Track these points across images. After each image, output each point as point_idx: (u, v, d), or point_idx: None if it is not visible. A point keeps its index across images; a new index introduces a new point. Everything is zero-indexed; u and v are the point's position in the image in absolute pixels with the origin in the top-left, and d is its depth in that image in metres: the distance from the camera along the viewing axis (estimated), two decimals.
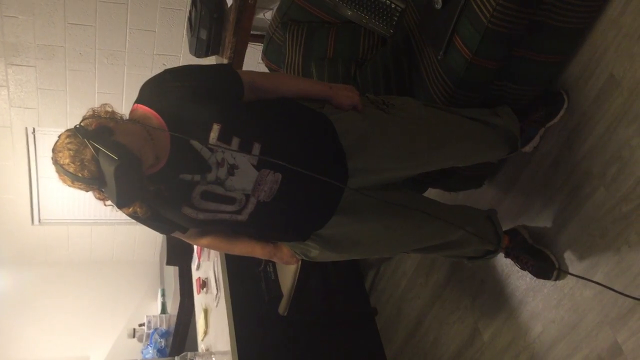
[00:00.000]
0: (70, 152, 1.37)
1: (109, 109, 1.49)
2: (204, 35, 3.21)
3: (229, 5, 3.07)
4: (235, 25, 2.97)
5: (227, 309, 2.90)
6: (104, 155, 1.35)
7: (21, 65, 3.60)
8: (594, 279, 1.99)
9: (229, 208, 1.61)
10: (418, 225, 1.88)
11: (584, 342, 2.05)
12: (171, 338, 4.42)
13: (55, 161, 1.41)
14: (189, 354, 3.09)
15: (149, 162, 1.47)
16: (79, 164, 1.37)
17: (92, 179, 1.39)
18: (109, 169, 1.35)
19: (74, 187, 1.43)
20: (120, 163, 1.34)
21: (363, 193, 1.66)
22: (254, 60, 3.58)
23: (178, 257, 4.12)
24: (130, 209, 1.54)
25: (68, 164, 1.38)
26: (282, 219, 1.70)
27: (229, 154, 1.53)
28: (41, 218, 4.63)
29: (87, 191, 1.46)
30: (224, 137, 1.51)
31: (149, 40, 3.67)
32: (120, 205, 1.44)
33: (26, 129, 4.00)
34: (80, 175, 1.38)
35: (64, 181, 1.43)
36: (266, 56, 2.86)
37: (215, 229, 1.76)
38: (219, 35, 3.22)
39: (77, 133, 1.39)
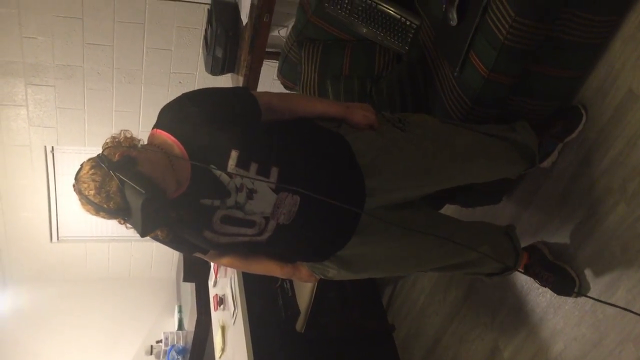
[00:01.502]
0: (96, 183, 1.38)
1: (129, 135, 1.50)
2: (219, 53, 3.24)
3: (244, 23, 3.10)
4: (251, 43, 2.99)
5: (244, 326, 2.90)
6: (130, 188, 1.36)
7: (40, 85, 3.66)
8: (616, 296, 1.97)
9: (249, 231, 1.61)
10: (435, 246, 1.87)
11: None
12: (188, 355, 4.41)
13: (79, 191, 1.42)
14: None
15: (172, 190, 1.49)
16: (104, 195, 1.38)
17: (118, 210, 1.40)
18: (135, 202, 1.36)
19: (98, 216, 1.44)
20: (147, 197, 1.35)
21: (379, 219, 1.64)
22: (269, 77, 3.61)
23: (195, 273, 4.13)
24: (153, 234, 1.55)
25: (94, 195, 1.39)
26: (302, 241, 1.70)
27: (247, 179, 1.53)
28: (60, 235, 4.68)
29: (109, 219, 1.46)
30: (242, 164, 1.51)
31: (165, 59, 3.71)
32: (144, 234, 1.45)
33: (45, 147, 4.05)
34: (105, 206, 1.39)
35: (88, 211, 1.44)
36: (282, 74, 2.88)
37: (236, 250, 1.77)
38: (234, 53, 3.25)
39: (102, 164, 1.39)
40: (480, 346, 2.67)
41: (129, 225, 1.51)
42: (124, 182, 1.36)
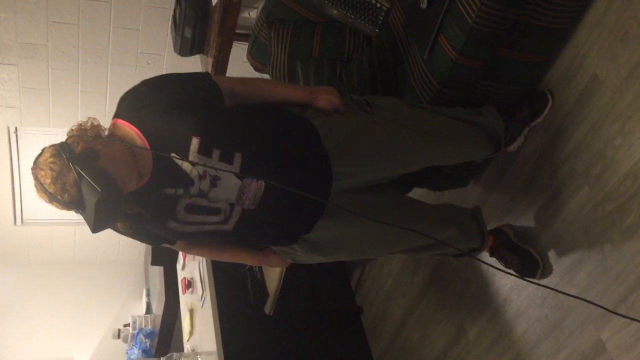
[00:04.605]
0: (53, 172, 1.35)
1: (96, 123, 1.47)
2: (188, 33, 3.19)
3: (213, 3, 3.06)
4: (220, 23, 2.95)
5: (212, 309, 2.89)
6: (87, 184, 1.33)
7: (3, 64, 3.56)
8: (578, 278, 2.02)
9: (215, 219, 1.59)
10: (402, 229, 1.87)
11: (568, 340, 2.07)
12: (156, 338, 4.40)
13: (36, 177, 1.38)
14: (175, 355, 3.07)
15: (132, 185, 1.46)
16: (60, 186, 1.35)
17: (71, 203, 1.37)
18: (90, 198, 1.33)
19: (51, 204, 1.40)
20: (102, 196, 1.32)
21: (343, 207, 1.62)
22: (239, 59, 3.57)
23: (163, 257, 4.10)
24: (111, 227, 1.52)
25: (49, 185, 1.36)
26: (269, 226, 1.69)
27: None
28: (24, 218, 4.58)
29: (61, 210, 1.42)
30: (204, 150, 1.48)
31: (132, 39, 3.64)
32: (95, 231, 1.41)
33: (8, 128, 3.95)
34: (59, 197, 1.36)
35: (42, 198, 1.40)
36: (251, 55, 2.85)
37: (203, 239, 1.75)
38: (203, 34, 3.20)
39: (63, 153, 1.36)
40: (446, 327, 2.72)
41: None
42: (81, 176, 1.33)
